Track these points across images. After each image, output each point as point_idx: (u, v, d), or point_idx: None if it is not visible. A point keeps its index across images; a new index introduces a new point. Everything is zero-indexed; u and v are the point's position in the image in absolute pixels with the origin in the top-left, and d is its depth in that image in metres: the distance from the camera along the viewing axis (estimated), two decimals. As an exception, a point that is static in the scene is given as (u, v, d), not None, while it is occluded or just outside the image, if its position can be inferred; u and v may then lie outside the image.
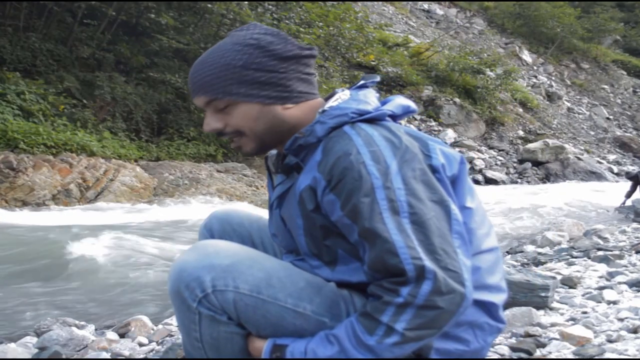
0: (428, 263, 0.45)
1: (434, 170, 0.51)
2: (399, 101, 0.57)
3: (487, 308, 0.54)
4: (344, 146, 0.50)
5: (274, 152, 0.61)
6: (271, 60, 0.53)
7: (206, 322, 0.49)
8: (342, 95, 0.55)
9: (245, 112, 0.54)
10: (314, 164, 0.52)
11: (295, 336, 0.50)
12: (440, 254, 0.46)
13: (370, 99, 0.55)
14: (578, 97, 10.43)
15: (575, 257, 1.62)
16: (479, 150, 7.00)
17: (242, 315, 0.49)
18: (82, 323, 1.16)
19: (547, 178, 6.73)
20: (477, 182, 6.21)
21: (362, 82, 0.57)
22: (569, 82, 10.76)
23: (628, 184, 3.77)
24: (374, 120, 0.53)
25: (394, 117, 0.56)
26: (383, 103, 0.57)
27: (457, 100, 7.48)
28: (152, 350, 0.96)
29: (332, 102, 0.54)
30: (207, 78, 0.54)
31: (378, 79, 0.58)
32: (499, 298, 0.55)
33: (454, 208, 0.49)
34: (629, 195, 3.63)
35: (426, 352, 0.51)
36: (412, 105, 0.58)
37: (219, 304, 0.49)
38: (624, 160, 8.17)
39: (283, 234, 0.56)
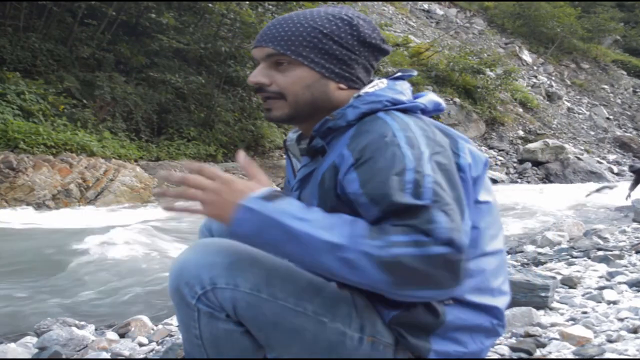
0: (460, 239, 0.44)
1: (460, 169, 0.50)
2: (431, 97, 0.57)
3: (489, 311, 0.53)
4: (380, 128, 0.50)
5: (292, 136, 0.61)
6: (353, 40, 0.55)
7: (205, 319, 0.49)
8: (380, 84, 0.55)
9: (300, 76, 0.54)
10: (343, 144, 0.51)
11: (295, 336, 0.49)
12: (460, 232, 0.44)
13: (405, 90, 0.56)
14: (578, 97, 10.43)
15: (575, 257, 1.61)
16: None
17: (241, 313, 0.49)
18: (82, 323, 1.17)
19: (547, 178, 6.73)
20: (477, 182, 6.16)
21: (399, 73, 0.57)
22: (569, 82, 10.76)
23: (627, 184, 3.76)
24: (406, 111, 0.53)
25: (425, 112, 0.56)
26: (415, 97, 0.56)
27: (457, 100, 7.48)
28: (152, 350, 0.96)
29: (368, 89, 0.54)
30: (287, 32, 0.54)
31: (415, 73, 0.58)
32: (501, 301, 0.55)
33: (466, 209, 0.49)
34: (632, 187, 3.58)
35: (424, 353, 0.51)
36: (443, 103, 0.58)
37: (217, 302, 0.49)
38: (624, 160, 8.17)
39: None
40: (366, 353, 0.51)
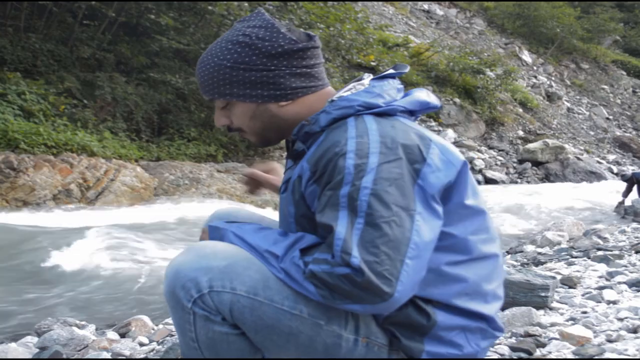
0: (356, 261, 0.45)
1: (419, 176, 0.49)
2: (417, 96, 0.55)
3: (478, 318, 0.54)
4: (336, 137, 0.50)
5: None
6: (260, 58, 0.53)
7: (201, 322, 0.49)
8: (358, 86, 0.54)
9: (241, 111, 0.55)
10: (309, 154, 0.52)
11: (291, 339, 0.50)
12: (380, 258, 0.45)
13: (388, 91, 0.54)
14: (578, 97, 10.42)
15: (575, 257, 1.61)
16: (478, 150, 7.00)
17: (237, 316, 0.49)
18: (83, 323, 1.17)
19: (546, 178, 6.73)
20: (477, 182, 6.12)
21: (390, 71, 0.55)
22: (568, 82, 10.76)
23: (624, 185, 3.80)
24: (384, 114, 0.52)
25: (412, 113, 0.54)
26: (405, 96, 0.55)
27: (457, 100, 7.48)
28: (152, 350, 0.97)
29: (343, 92, 0.54)
30: (204, 79, 0.55)
31: (405, 70, 0.56)
32: (493, 308, 0.55)
33: (419, 220, 0.48)
34: (625, 195, 3.66)
35: (417, 353, 0.51)
36: (433, 100, 0.56)
37: (214, 305, 0.49)
38: (624, 160, 8.17)
39: (284, 218, 0.56)
40: (361, 354, 0.51)
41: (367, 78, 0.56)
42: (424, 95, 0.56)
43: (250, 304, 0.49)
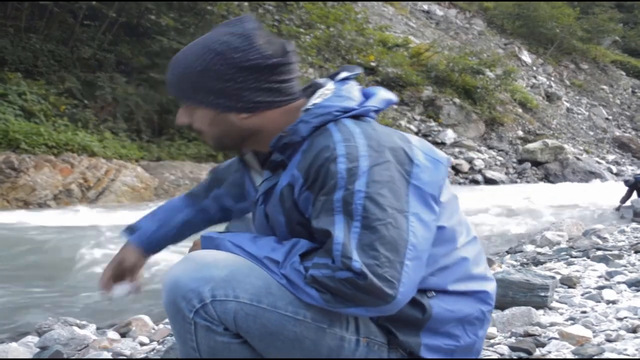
0: (358, 265, 0.45)
1: (411, 176, 0.50)
2: (382, 95, 0.56)
3: (477, 296, 0.54)
4: (323, 142, 0.50)
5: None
6: (229, 69, 0.52)
7: (202, 332, 0.49)
8: (325, 91, 0.54)
9: (202, 115, 0.55)
10: (295, 162, 0.52)
11: (296, 345, 0.50)
12: (380, 261, 0.46)
13: (353, 93, 0.54)
14: (577, 97, 10.44)
15: (575, 257, 1.61)
16: (478, 151, 7.01)
17: (241, 325, 0.49)
18: (83, 322, 1.16)
19: (546, 178, 6.73)
20: (476, 182, 6.21)
21: (344, 74, 0.55)
22: (568, 83, 10.77)
23: (625, 188, 3.79)
24: (358, 116, 0.53)
25: (377, 111, 0.55)
26: (365, 94, 0.56)
27: (457, 100, 7.48)
28: (153, 350, 0.97)
29: (315, 99, 0.54)
30: (173, 78, 0.55)
31: (359, 71, 0.56)
32: (489, 286, 0.56)
33: (414, 221, 0.48)
34: (623, 200, 3.67)
35: (415, 349, 0.52)
36: (393, 97, 0.58)
37: (216, 315, 0.48)
38: (623, 160, 8.18)
39: (265, 230, 0.56)
40: (362, 355, 0.51)
41: (328, 82, 0.56)
42: (386, 93, 0.57)
43: (254, 311, 0.49)
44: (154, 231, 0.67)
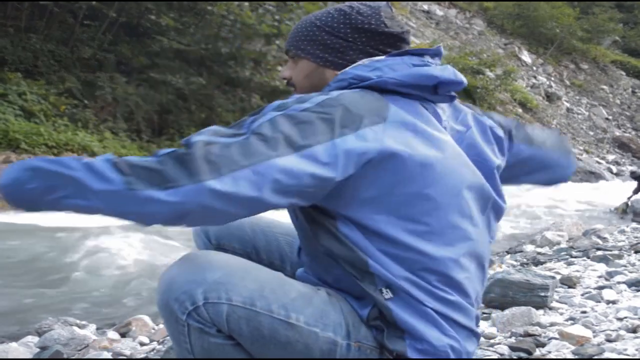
0: (193, 139, 0.43)
1: (340, 137, 0.45)
2: (423, 69, 0.51)
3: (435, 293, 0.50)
4: None
5: None
6: (346, 27, 0.55)
7: (195, 334, 0.49)
8: (365, 60, 0.54)
9: (302, 67, 0.58)
10: None
11: (288, 348, 0.49)
12: (223, 152, 0.42)
13: (393, 66, 0.51)
14: (577, 97, 10.44)
15: (575, 257, 1.61)
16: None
17: (233, 327, 0.48)
18: (83, 322, 1.17)
19: (546, 178, 6.74)
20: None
21: (417, 48, 0.55)
22: (568, 83, 10.77)
23: (626, 185, 3.75)
24: (374, 87, 0.50)
25: (409, 87, 0.50)
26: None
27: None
28: (153, 350, 0.97)
29: (348, 68, 0.54)
30: (295, 31, 0.59)
31: (440, 48, 0.55)
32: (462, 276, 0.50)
33: (295, 158, 0.43)
34: (636, 192, 3.60)
35: (402, 351, 0.51)
36: (443, 73, 0.51)
37: (209, 317, 0.48)
38: (623, 160, 8.18)
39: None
40: (354, 358, 0.51)
41: (384, 55, 0.54)
42: (433, 69, 0.51)
43: (246, 314, 0.48)
44: None
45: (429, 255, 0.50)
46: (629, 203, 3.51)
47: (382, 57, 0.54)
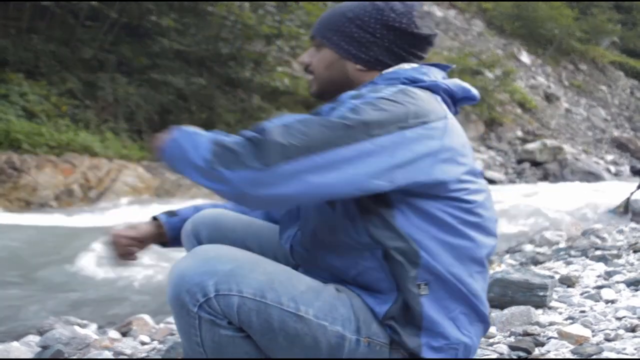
0: (269, 125, 0.46)
1: (409, 129, 0.48)
2: (459, 82, 0.57)
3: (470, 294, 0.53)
4: None
5: None
6: (376, 23, 0.56)
7: (206, 326, 0.49)
8: (405, 65, 0.57)
9: (324, 56, 0.58)
10: None
11: (297, 341, 0.50)
12: (297, 136, 0.44)
13: (431, 73, 0.56)
14: (576, 98, 10.45)
15: (574, 257, 1.62)
16: (477, 151, 7.01)
17: (244, 319, 0.49)
18: (85, 322, 1.17)
19: (545, 178, 6.73)
20: (476, 182, 6.17)
21: (437, 63, 0.58)
22: (567, 83, 10.79)
23: (625, 184, 3.74)
24: (426, 89, 0.53)
25: (454, 99, 0.56)
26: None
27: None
28: (154, 349, 0.97)
29: (392, 69, 0.56)
30: (323, 19, 0.59)
31: (452, 66, 0.59)
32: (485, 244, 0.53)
33: (367, 145, 0.45)
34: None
35: (417, 349, 0.52)
36: (474, 91, 0.58)
37: (220, 309, 0.48)
38: (622, 160, 8.19)
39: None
40: (364, 354, 0.52)
41: (416, 64, 0.58)
42: (465, 84, 0.58)
43: (256, 306, 0.49)
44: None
45: (477, 242, 0.53)
46: (630, 199, 3.46)
47: (416, 65, 0.57)
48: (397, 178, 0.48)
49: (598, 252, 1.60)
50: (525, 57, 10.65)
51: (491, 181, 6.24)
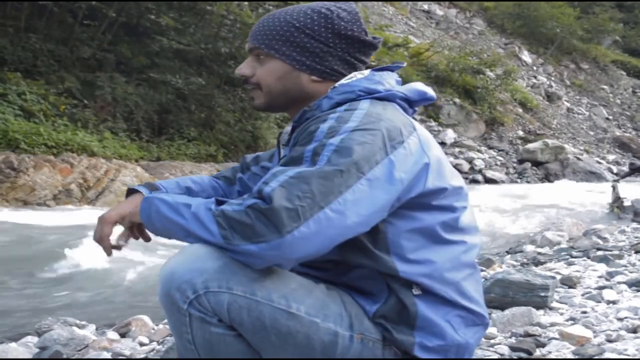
0: (269, 189, 0.45)
1: (393, 153, 0.48)
2: (416, 86, 0.57)
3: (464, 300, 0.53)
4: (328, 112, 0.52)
5: (288, 129, 0.60)
6: (327, 32, 0.55)
7: (197, 323, 0.48)
8: (358, 75, 0.55)
9: (274, 68, 0.56)
10: None
11: (289, 339, 0.49)
12: (300, 193, 0.44)
13: (386, 80, 0.55)
14: (577, 97, 10.44)
15: (575, 257, 1.62)
16: (478, 151, 7.01)
17: (234, 317, 0.48)
18: (83, 323, 1.17)
19: (546, 178, 6.74)
20: (476, 182, 6.21)
21: (386, 65, 0.57)
22: (568, 83, 10.77)
23: (625, 184, 3.75)
24: (383, 99, 0.53)
25: (410, 103, 0.56)
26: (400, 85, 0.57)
27: (457, 100, 7.49)
28: (152, 350, 0.97)
29: (344, 80, 0.55)
30: (265, 28, 0.56)
31: (404, 64, 0.59)
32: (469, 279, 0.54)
33: (364, 184, 0.46)
34: (624, 176, 3.65)
35: (409, 347, 0.51)
36: (430, 92, 0.57)
37: (210, 306, 0.48)
38: (623, 160, 8.18)
39: None
40: (357, 351, 0.51)
41: (367, 70, 0.57)
42: (421, 86, 0.58)
43: (247, 303, 0.48)
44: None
45: (465, 245, 0.54)
46: (619, 195, 3.44)
47: (367, 72, 0.56)
48: (395, 203, 0.50)
49: (600, 253, 1.61)
50: (526, 57, 10.63)
51: (492, 181, 6.29)
